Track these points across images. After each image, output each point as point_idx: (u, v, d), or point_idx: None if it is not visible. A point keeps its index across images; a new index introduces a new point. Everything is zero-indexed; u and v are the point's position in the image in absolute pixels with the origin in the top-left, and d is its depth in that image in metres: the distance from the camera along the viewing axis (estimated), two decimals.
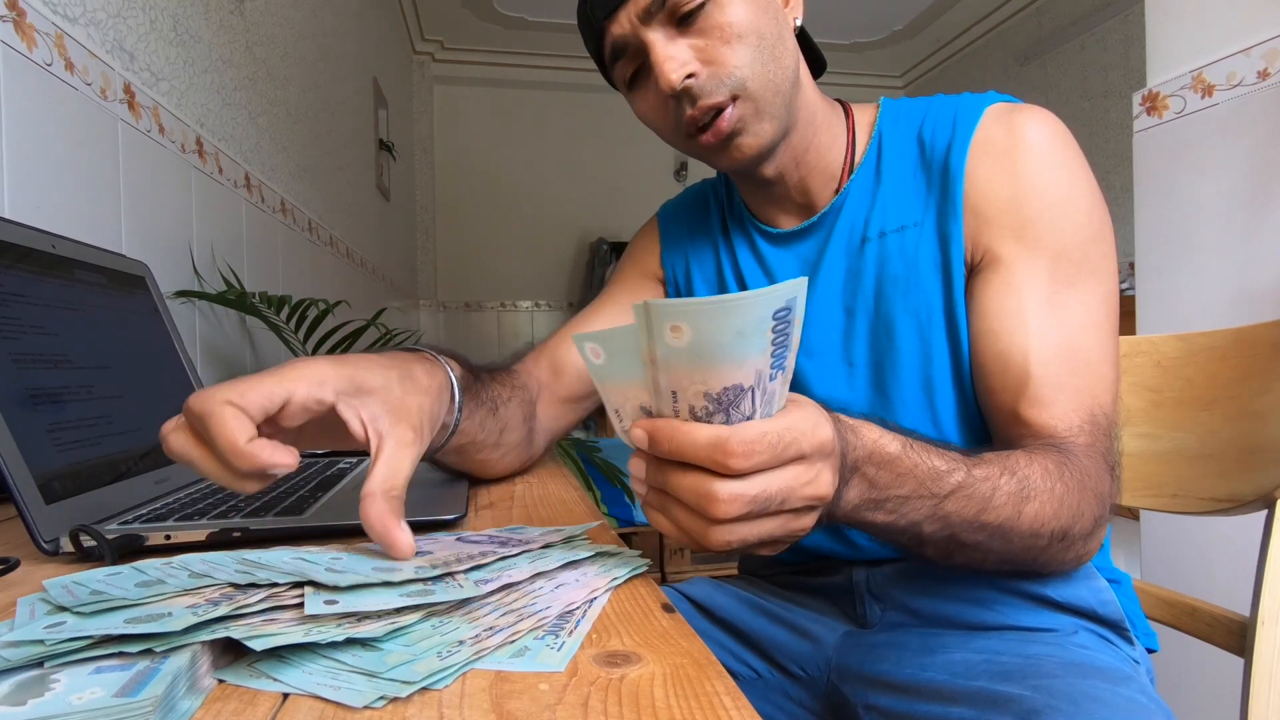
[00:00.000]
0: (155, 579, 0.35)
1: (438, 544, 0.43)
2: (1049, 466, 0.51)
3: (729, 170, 0.66)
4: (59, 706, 0.24)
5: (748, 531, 0.36)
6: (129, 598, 0.32)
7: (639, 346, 0.34)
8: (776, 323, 0.32)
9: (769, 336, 0.32)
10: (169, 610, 0.31)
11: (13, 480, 0.44)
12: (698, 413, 0.35)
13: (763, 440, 0.34)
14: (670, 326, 0.32)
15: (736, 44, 0.59)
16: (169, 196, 1.24)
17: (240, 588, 0.34)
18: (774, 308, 0.31)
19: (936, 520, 0.46)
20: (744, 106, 0.60)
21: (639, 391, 0.36)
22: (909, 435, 0.45)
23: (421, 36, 4.58)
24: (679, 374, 0.34)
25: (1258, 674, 0.60)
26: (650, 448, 0.36)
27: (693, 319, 0.32)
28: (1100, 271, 0.59)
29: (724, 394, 0.34)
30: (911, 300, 0.63)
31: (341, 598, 0.33)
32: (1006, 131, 0.60)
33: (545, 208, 5.01)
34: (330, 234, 2.39)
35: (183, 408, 0.40)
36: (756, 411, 0.35)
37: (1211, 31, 1.28)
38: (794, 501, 0.36)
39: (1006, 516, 0.48)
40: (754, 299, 0.31)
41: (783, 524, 0.37)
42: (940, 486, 0.45)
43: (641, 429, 0.37)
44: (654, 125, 0.66)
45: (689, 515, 0.36)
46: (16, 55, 0.85)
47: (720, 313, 0.31)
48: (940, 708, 0.53)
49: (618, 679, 0.28)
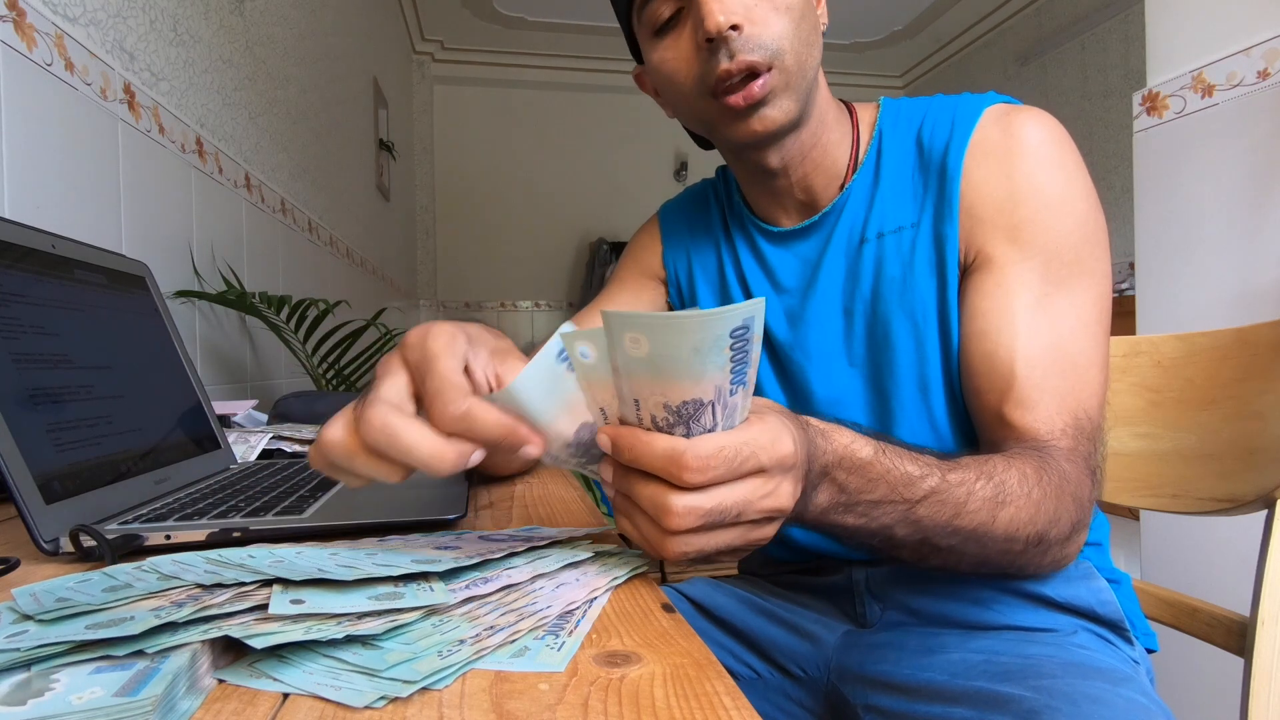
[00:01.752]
0: (124, 583, 0.35)
1: (464, 540, 0.44)
2: (1027, 471, 0.50)
3: (742, 142, 0.64)
4: (59, 706, 0.24)
5: (704, 542, 0.36)
6: (93, 603, 0.32)
7: (559, 370, 0.36)
8: (734, 340, 0.32)
9: (727, 354, 0.32)
10: (131, 614, 0.30)
11: (13, 480, 0.44)
12: (659, 422, 0.35)
13: (719, 455, 0.34)
14: (629, 337, 0.33)
15: (784, 14, 0.59)
16: (169, 196, 1.24)
17: (207, 588, 0.34)
18: (731, 326, 0.32)
19: (909, 524, 0.46)
20: (777, 78, 0.59)
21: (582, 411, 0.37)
22: (883, 440, 0.45)
23: (421, 36, 4.58)
24: (639, 383, 0.34)
25: (1258, 674, 0.60)
26: (613, 454, 0.37)
27: (650, 332, 0.32)
28: (1093, 274, 0.59)
29: (683, 407, 0.34)
30: (908, 302, 0.63)
31: (309, 597, 0.32)
32: (1004, 133, 0.60)
33: (545, 208, 5.01)
34: (330, 234, 2.39)
35: (406, 343, 0.38)
36: (718, 424, 0.35)
37: (1211, 31, 1.28)
38: (751, 514, 0.36)
39: (980, 521, 0.48)
40: (710, 318, 0.31)
41: (741, 534, 0.37)
42: (913, 491, 0.45)
43: (605, 434, 0.37)
44: (674, 78, 0.63)
45: (648, 523, 0.37)
46: (16, 55, 0.85)
47: (676, 330, 0.32)
48: (940, 708, 0.53)
49: (618, 679, 0.28)
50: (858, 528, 0.45)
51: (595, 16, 4.39)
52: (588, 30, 4.56)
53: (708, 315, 0.31)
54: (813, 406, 0.68)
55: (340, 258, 2.54)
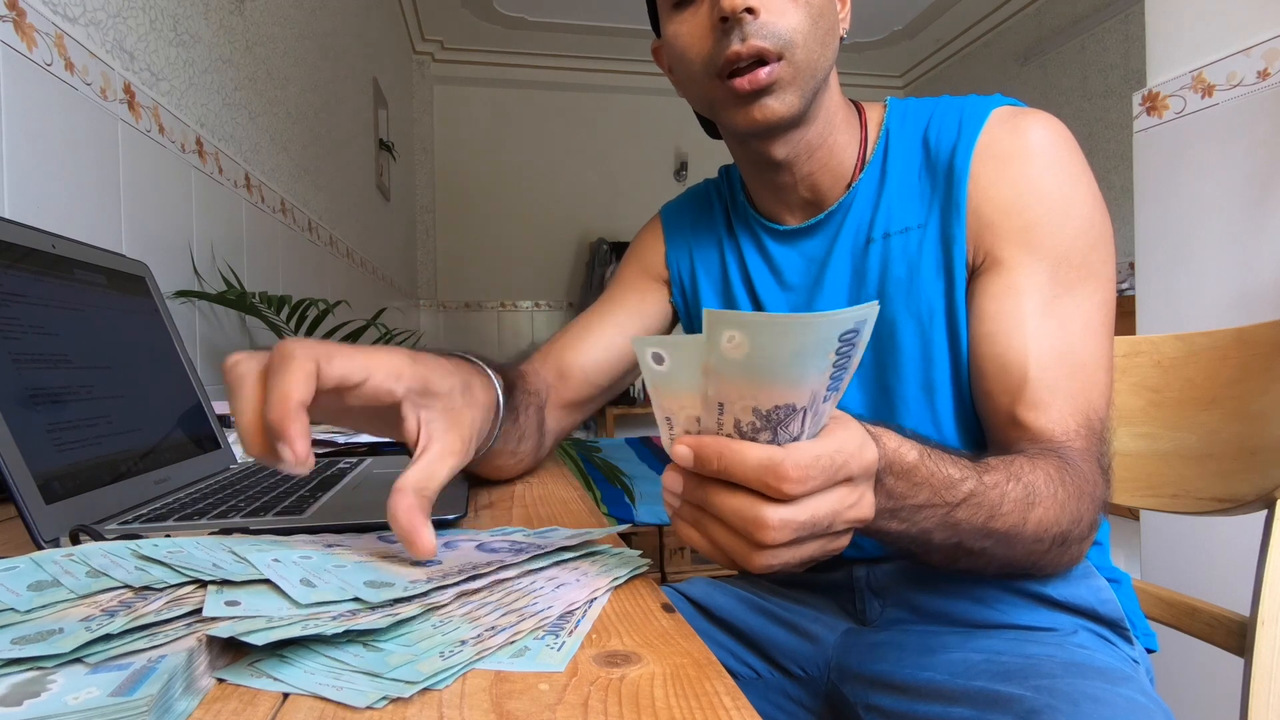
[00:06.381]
0: (51, 579, 0.34)
1: (456, 553, 0.42)
2: (1051, 472, 0.51)
3: (741, 130, 0.64)
4: (55, 706, 0.24)
5: (790, 555, 0.35)
6: (18, 606, 0.31)
7: (701, 356, 0.32)
8: (841, 344, 0.31)
9: (830, 359, 0.31)
10: (60, 625, 0.29)
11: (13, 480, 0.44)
12: (743, 428, 0.33)
13: (816, 464, 0.32)
14: (727, 335, 0.31)
15: (802, 8, 0.59)
16: (169, 196, 1.24)
17: (137, 591, 0.33)
18: (840, 330, 0.30)
19: (947, 528, 0.45)
20: (785, 69, 0.59)
21: (695, 402, 0.34)
22: (924, 442, 0.44)
23: (421, 36, 4.58)
24: (729, 385, 0.32)
25: (1258, 674, 0.60)
26: (696, 466, 0.34)
27: (752, 331, 0.30)
28: (1099, 277, 0.59)
29: (774, 412, 0.32)
30: (913, 302, 0.63)
31: (244, 598, 0.32)
32: (1011, 135, 0.60)
33: (545, 208, 5.01)
34: (330, 234, 2.39)
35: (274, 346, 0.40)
36: (804, 432, 0.33)
37: (1211, 31, 1.28)
38: (839, 525, 0.35)
39: (1013, 523, 0.48)
40: (820, 321, 0.29)
41: (822, 545, 0.36)
42: (953, 495, 0.45)
43: (686, 446, 0.35)
44: (685, 54, 0.64)
45: (731, 536, 0.35)
46: (16, 55, 0.85)
47: (781, 331, 0.30)
48: (940, 708, 0.53)
49: (618, 679, 0.28)
50: (899, 533, 0.44)
51: (595, 16, 4.39)
52: (588, 30, 4.56)
53: (817, 318, 0.29)
54: None
55: (340, 258, 2.54)
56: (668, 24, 0.65)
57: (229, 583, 0.34)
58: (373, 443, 0.90)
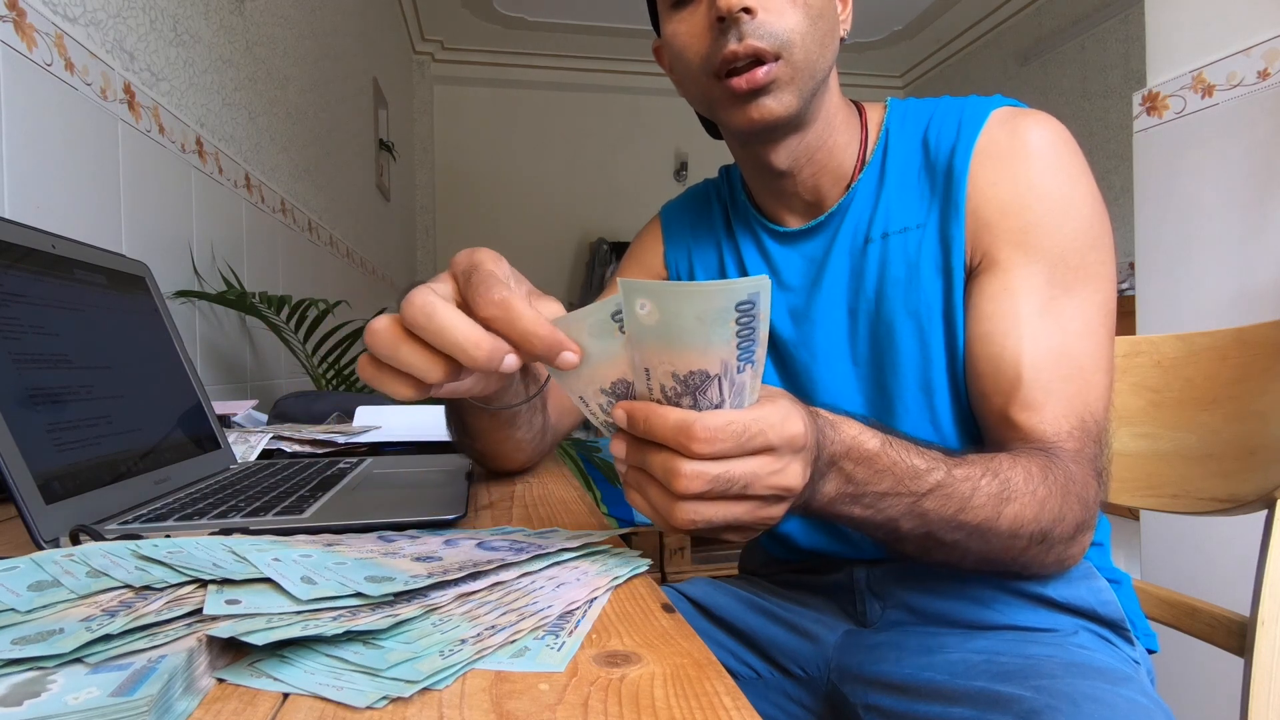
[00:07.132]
0: (51, 579, 0.34)
1: (456, 550, 0.42)
2: (1032, 470, 0.51)
3: (739, 129, 0.64)
4: (55, 707, 0.24)
5: (712, 512, 0.37)
6: (19, 606, 0.31)
7: (613, 325, 0.37)
8: (740, 314, 0.33)
9: (732, 328, 0.34)
10: (60, 626, 0.29)
11: (13, 480, 0.44)
12: (667, 392, 0.37)
13: (727, 429, 0.35)
14: (639, 303, 0.34)
15: (800, 8, 0.60)
16: (169, 196, 1.24)
17: (137, 591, 0.33)
18: (736, 300, 0.33)
19: (914, 517, 0.46)
20: (782, 69, 0.60)
21: (626, 369, 0.38)
22: (891, 433, 0.46)
23: (421, 36, 4.58)
24: (649, 352, 0.36)
25: (1258, 674, 0.60)
26: (629, 427, 0.38)
27: (658, 299, 0.34)
28: (1098, 278, 0.59)
29: (690, 377, 0.35)
30: (912, 302, 0.63)
31: (245, 597, 0.32)
32: (1010, 136, 0.60)
33: (545, 208, 5.01)
34: (330, 234, 2.39)
35: (454, 260, 0.40)
36: (726, 401, 0.36)
37: (1211, 31, 1.28)
38: (759, 488, 0.37)
39: (985, 517, 0.48)
40: (715, 289, 0.33)
41: (749, 510, 0.37)
42: (919, 485, 0.45)
43: (622, 409, 0.38)
44: (684, 53, 0.64)
45: (659, 491, 0.38)
46: (16, 55, 0.85)
47: (684, 297, 0.33)
48: (940, 708, 0.53)
49: (618, 679, 0.28)
50: (864, 519, 0.45)
51: (595, 16, 4.40)
52: (587, 30, 4.56)
53: (713, 285, 0.32)
54: (816, 404, 0.68)
55: (340, 258, 2.54)
56: (666, 23, 0.65)
57: (229, 582, 0.34)
58: (373, 443, 0.90)
